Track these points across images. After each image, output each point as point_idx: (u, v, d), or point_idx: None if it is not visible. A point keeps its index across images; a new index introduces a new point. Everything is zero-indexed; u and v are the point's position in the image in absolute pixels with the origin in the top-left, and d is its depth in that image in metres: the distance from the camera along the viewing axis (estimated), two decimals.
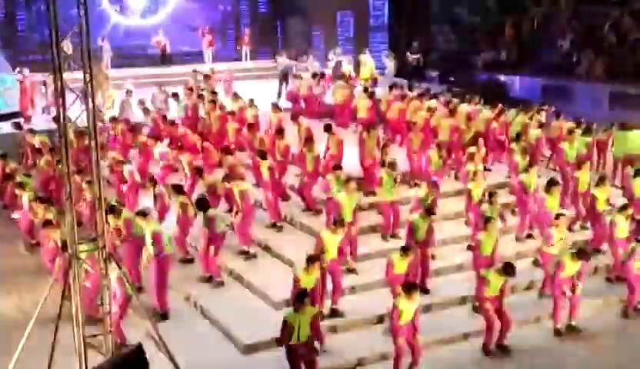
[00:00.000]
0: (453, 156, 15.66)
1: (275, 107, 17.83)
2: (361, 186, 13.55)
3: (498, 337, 10.35)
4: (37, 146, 16.66)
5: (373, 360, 10.06)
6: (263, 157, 13.70)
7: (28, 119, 20.04)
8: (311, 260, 9.93)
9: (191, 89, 20.46)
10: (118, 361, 8.09)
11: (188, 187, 14.02)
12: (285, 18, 31.35)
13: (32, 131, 17.54)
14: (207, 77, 22.53)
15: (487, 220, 11.34)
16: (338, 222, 10.85)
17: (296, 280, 9.91)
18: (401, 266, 10.49)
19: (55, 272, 10.97)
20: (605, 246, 12.85)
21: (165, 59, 27.92)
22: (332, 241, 10.69)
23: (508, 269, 10.09)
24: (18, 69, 21.47)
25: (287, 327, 8.87)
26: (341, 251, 10.94)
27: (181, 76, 23.93)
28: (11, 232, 14.62)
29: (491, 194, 12.29)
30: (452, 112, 16.95)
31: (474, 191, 13.05)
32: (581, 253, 10.70)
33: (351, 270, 11.89)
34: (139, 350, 8.45)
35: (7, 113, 20.09)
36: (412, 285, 9.48)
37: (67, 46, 8.60)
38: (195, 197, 12.94)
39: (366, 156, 14.40)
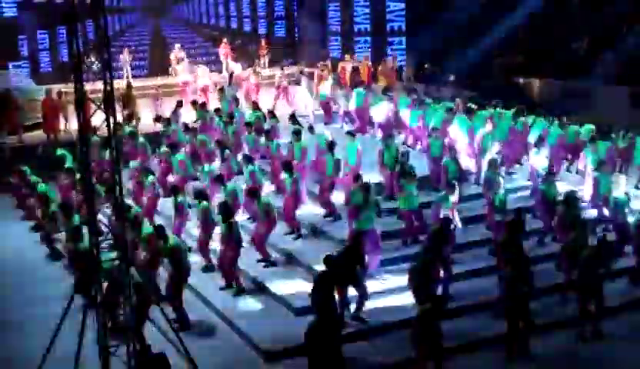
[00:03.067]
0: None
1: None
2: (382, 191, 13.53)
3: (521, 341, 10.22)
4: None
5: (398, 365, 9.95)
6: (288, 169, 13.66)
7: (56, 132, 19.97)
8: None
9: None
10: None
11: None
12: (302, 25, 31.40)
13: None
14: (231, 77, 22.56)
15: (511, 223, 11.30)
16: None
17: None
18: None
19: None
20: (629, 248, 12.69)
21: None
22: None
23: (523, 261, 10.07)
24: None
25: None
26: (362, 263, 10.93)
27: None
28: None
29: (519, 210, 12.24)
30: (470, 115, 16.84)
31: (495, 196, 12.95)
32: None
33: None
34: (162, 359, 8.48)
35: (34, 124, 20.16)
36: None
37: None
38: (216, 204, 12.90)
39: (386, 163, 14.31)
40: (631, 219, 12.70)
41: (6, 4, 23.09)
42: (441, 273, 11.18)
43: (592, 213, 13.78)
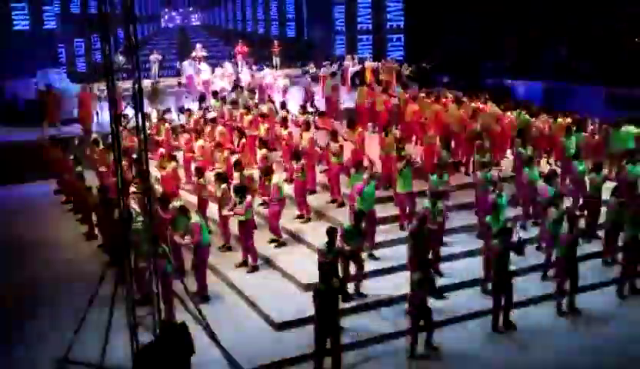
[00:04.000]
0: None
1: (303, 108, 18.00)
2: (381, 180, 13.51)
3: (505, 315, 10.27)
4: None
5: (391, 337, 10.02)
6: (297, 158, 13.67)
7: (89, 127, 20.01)
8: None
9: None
10: (166, 338, 8.17)
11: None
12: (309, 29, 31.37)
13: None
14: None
15: (495, 206, 11.27)
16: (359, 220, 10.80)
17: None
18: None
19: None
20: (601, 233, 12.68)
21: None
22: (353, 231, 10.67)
23: (503, 232, 10.11)
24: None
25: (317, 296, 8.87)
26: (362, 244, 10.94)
27: None
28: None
29: (496, 184, 12.13)
30: (460, 104, 16.87)
31: (482, 178, 12.87)
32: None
33: (372, 256, 11.87)
34: (183, 327, 8.55)
35: (71, 118, 20.32)
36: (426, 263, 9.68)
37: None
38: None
39: (384, 153, 14.32)
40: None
41: (47, 17, 23.54)
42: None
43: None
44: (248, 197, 11.78)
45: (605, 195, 12.73)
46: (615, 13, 23.28)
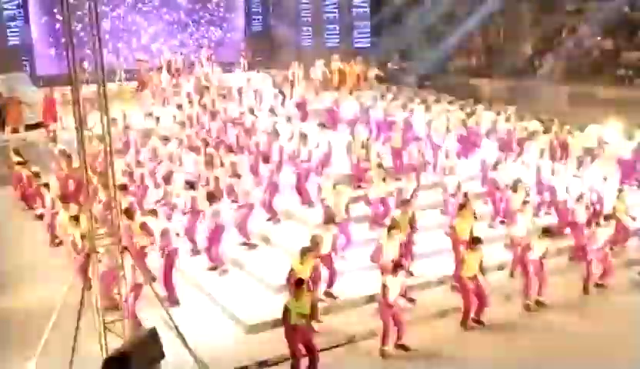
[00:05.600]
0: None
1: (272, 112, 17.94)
2: (351, 181, 13.57)
3: (475, 313, 10.38)
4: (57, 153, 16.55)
5: (364, 337, 10.05)
6: (266, 160, 13.63)
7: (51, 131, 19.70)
8: (305, 252, 9.92)
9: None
10: (136, 343, 8.06)
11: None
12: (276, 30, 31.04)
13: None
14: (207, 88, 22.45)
15: (462, 206, 11.41)
16: (330, 220, 10.83)
17: (292, 270, 9.91)
18: (390, 247, 10.52)
19: (75, 265, 10.94)
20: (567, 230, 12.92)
21: None
22: (326, 237, 10.67)
23: (475, 241, 10.21)
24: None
25: (287, 311, 8.86)
26: (334, 246, 10.92)
27: None
28: (34, 229, 14.60)
29: (466, 194, 12.29)
30: (428, 109, 17.03)
31: (449, 183, 13.11)
32: (546, 232, 10.76)
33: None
34: (154, 332, 8.44)
35: (32, 123, 19.94)
36: (398, 265, 9.60)
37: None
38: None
39: (353, 154, 14.40)
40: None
41: (12, 35, 23.27)
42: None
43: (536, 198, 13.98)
44: (214, 206, 11.75)
45: None
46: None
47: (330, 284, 10.97)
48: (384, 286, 9.47)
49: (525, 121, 16.81)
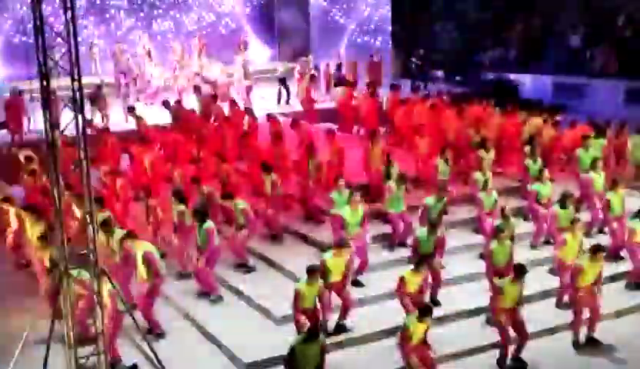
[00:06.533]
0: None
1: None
2: (367, 195, 13.53)
3: (515, 350, 10.32)
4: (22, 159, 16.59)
5: None
6: (267, 170, 13.67)
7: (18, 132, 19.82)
8: (311, 271, 9.94)
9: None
10: None
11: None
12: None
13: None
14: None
15: (499, 230, 11.36)
16: (343, 243, 10.83)
17: (297, 294, 9.91)
18: (414, 282, 10.48)
19: (43, 291, 10.98)
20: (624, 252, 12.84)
21: None
22: (337, 263, 10.65)
23: (519, 271, 10.07)
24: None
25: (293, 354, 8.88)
26: (345, 276, 10.89)
27: None
28: None
29: (503, 210, 12.26)
30: (460, 114, 16.97)
31: (485, 200, 13.08)
32: (598, 249, 10.66)
33: (357, 284, 11.87)
34: None
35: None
36: (426, 309, 9.52)
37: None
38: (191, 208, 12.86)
39: (371, 164, 14.39)
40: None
41: None
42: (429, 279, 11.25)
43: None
44: (209, 223, 11.75)
45: None
46: None
47: (343, 316, 10.94)
48: (406, 329, 9.47)
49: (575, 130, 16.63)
